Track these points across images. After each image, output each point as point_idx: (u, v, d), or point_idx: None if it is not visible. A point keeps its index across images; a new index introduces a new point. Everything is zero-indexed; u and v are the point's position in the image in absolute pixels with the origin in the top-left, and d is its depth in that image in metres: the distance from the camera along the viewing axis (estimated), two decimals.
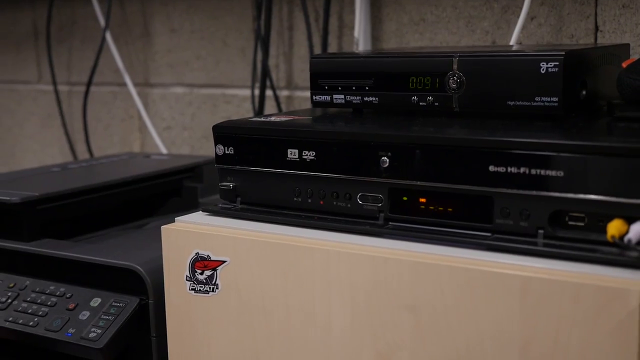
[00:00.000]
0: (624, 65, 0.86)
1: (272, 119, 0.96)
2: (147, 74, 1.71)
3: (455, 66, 0.90)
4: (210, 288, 0.89)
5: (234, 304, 0.88)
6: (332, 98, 0.99)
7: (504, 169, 0.77)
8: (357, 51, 1.35)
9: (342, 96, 0.98)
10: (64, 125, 1.82)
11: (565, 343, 0.69)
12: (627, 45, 1.05)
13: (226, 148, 0.95)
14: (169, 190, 1.33)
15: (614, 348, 0.67)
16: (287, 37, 1.51)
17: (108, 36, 1.69)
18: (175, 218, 0.94)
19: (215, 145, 0.95)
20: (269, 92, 1.51)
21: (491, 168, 0.78)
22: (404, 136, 0.83)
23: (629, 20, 1.18)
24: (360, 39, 1.38)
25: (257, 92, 1.51)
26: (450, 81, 0.91)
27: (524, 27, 1.26)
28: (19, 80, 1.95)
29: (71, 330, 0.97)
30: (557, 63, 0.84)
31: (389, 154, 0.83)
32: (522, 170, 0.76)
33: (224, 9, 1.58)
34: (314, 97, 1.00)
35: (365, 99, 0.97)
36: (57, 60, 1.85)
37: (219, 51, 1.61)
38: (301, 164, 0.89)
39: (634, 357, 0.66)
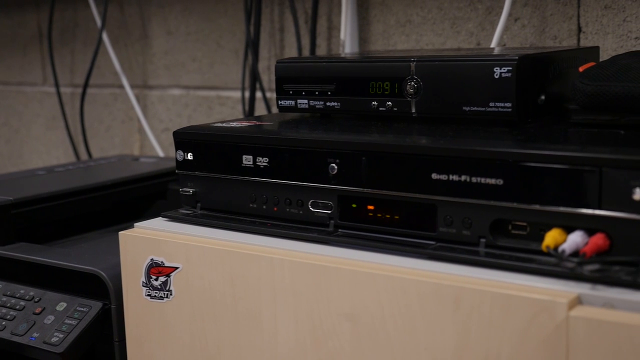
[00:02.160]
0: (581, 69, 0.84)
1: (234, 124, 0.96)
2: (145, 76, 1.72)
3: (412, 71, 0.89)
4: (164, 294, 0.89)
5: (186, 310, 0.88)
6: (296, 103, 0.99)
7: (446, 177, 0.76)
8: (342, 54, 1.35)
9: (306, 101, 0.98)
10: (67, 127, 1.84)
11: (496, 354, 0.68)
12: (597, 48, 1.03)
13: (186, 154, 0.95)
14: (155, 193, 1.33)
15: None
16: (278, 39, 1.51)
17: (106, 38, 1.70)
18: (135, 224, 0.94)
19: (176, 151, 0.96)
20: (260, 94, 1.51)
21: (434, 176, 0.77)
22: (350, 143, 0.82)
23: (611, 21, 1.16)
24: (346, 41, 1.37)
25: (248, 94, 1.51)
26: (408, 86, 0.90)
27: (507, 29, 1.25)
28: (25, 82, 1.97)
29: (35, 335, 0.97)
30: (510, 68, 0.83)
31: (337, 160, 0.83)
32: (463, 178, 0.75)
33: (217, 11, 1.59)
34: (280, 102, 1.00)
35: (328, 103, 0.96)
36: (60, 63, 1.87)
37: (213, 53, 1.61)
38: (255, 170, 0.89)
39: None
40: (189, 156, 0.94)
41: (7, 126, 2.04)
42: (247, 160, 0.90)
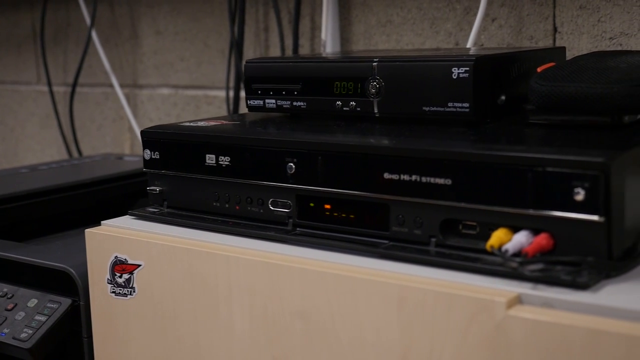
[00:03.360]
0: (539, 70, 0.85)
1: (201, 124, 0.97)
2: (135, 75, 1.74)
3: (374, 71, 0.90)
4: (128, 291, 0.90)
5: (148, 307, 0.89)
6: (264, 102, 1.00)
7: (397, 177, 0.77)
8: (325, 53, 1.35)
9: (274, 100, 0.99)
10: (59, 125, 1.86)
11: (439, 354, 0.69)
12: (563, 48, 1.03)
13: (152, 153, 0.96)
14: (137, 191, 1.35)
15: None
16: (263, 39, 1.52)
17: (96, 38, 1.72)
18: (102, 221, 0.95)
19: (143, 150, 0.97)
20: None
21: (386, 175, 0.77)
22: (306, 142, 0.83)
23: (586, 22, 1.16)
24: (328, 41, 1.38)
25: (233, 93, 1.52)
26: (370, 86, 0.90)
27: (485, 29, 1.25)
28: (20, 81, 1.99)
29: (5, 330, 0.99)
30: (467, 68, 0.84)
31: (295, 160, 0.84)
32: (413, 177, 0.76)
33: (204, 11, 1.60)
34: (249, 102, 1.01)
35: (295, 103, 0.97)
36: (54, 62, 1.88)
37: (200, 53, 1.62)
38: (218, 169, 0.90)
39: None
40: (156, 155, 0.95)
41: (3, 124, 2.06)
42: (210, 159, 0.90)
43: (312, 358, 0.77)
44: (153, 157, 0.96)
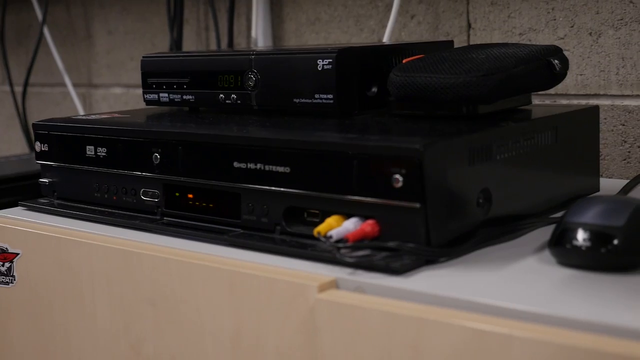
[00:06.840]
0: (404, 61, 0.86)
1: (92, 117, 0.99)
2: (90, 75, 1.77)
3: (252, 64, 0.91)
4: (9, 279, 0.93)
5: (27, 296, 0.91)
6: (159, 96, 1.01)
7: (245, 165, 0.78)
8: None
9: (167, 94, 1.01)
10: (21, 125, 1.89)
11: (265, 338, 0.70)
12: (451, 42, 1.04)
13: (42, 145, 0.98)
14: None
15: (303, 344, 0.67)
16: (204, 38, 1.54)
17: (49, 38, 1.75)
18: None
19: (34, 142, 0.99)
20: None
21: (235, 164, 0.79)
22: (167, 133, 0.84)
23: (497, 17, 1.16)
24: (259, 39, 1.39)
25: None
26: (248, 79, 0.92)
27: (405, 26, 1.26)
28: None
29: None
30: (330, 60, 0.85)
31: (159, 150, 0.85)
32: (258, 166, 0.77)
33: (151, 11, 1.62)
34: (145, 96, 1.03)
35: (184, 97, 0.99)
36: (17, 62, 1.92)
37: (148, 52, 1.64)
38: (97, 160, 0.92)
39: (316, 355, 0.66)
40: (45, 147, 0.97)
41: None
42: (90, 150, 0.92)
43: (162, 344, 0.78)
44: (43, 149, 0.98)
